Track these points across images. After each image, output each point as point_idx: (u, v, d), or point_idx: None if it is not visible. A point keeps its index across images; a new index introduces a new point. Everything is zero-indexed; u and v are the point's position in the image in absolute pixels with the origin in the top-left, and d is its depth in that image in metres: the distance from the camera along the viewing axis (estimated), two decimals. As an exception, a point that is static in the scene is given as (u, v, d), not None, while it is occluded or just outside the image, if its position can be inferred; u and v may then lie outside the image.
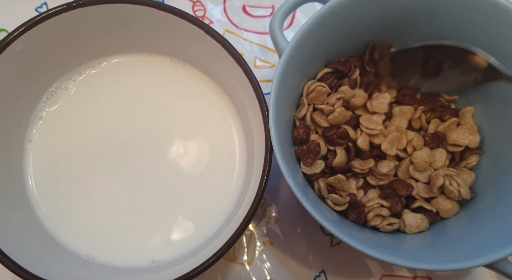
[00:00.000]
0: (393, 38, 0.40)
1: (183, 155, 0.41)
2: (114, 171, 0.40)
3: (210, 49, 0.37)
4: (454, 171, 0.37)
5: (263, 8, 0.50)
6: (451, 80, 0.38)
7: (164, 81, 0.42)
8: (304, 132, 0.37)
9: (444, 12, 0.36)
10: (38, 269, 0.33)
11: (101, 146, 0.40)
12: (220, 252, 0.32)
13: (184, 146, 0.41)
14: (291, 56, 0.34)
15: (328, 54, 0.40)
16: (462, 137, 0.38)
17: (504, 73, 0.34)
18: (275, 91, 0.33)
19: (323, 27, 0.35)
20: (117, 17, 0.37)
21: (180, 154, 0.41)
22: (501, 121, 0.38)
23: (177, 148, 0.41)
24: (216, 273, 0.42)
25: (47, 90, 0.41)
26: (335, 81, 0.39)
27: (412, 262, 0.30)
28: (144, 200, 0.40)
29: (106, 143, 0.41)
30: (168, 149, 0.41)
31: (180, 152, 0.41)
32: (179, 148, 0.41)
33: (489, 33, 0.35)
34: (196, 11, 0.50)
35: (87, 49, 0.40)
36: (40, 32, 0.35)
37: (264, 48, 0.49)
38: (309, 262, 0.43)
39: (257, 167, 0.36)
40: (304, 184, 0.36)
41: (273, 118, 0.32)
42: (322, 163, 0.37)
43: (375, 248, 0.30)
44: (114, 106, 0.41)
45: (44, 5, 0.48)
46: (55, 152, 0.40)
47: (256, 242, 0.43)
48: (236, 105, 0.42)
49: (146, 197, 0.40)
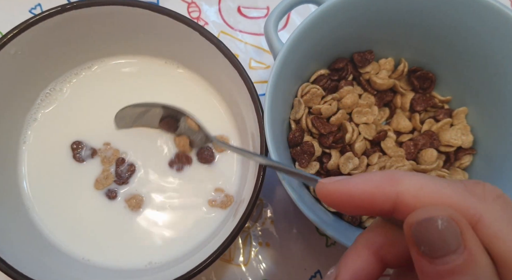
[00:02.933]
0: (387, 40, 0.40)
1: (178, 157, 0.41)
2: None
3: (205, 51, 0.37)
4: (447, 172, 0.38)
5: (258, 9, 0.50)
6: (188, 134, 0.40)
7: (159, 83, 0.42)
8: (300, 136, 0.37)
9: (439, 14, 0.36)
10: (33, 272, 0.32)
11: (96, 147, 0.40)
12: (216, 253, 0.32)
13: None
14: (286, 58, 0.34)
15: (323, 55, 0.40)
16: (454, 138, 0.39)
17: (209, 136, 0.38)
18: (270, 93, 0.33)
19: (318, 28, 0.35)
20: (112, 19, 0.37)
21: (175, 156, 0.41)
22: (494, 121, 0.38)
23: (172, 150, 0.41)
24: (212, 274, 0.42)
25: (42, 91, 0.41)
26: (329, 83, 0.40)
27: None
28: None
29: (101, 144, 0.40)
30: (163, 151, 0.41)
31: (175, 153, 0.41)
32: (174, 149, 0.41)
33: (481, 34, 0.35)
34: (191, 13, 0.50)
35: (81, 51, 0.40)
36: (33, 35, 0.35)
37: (259, 49, 0.49)
38: (305, 262, 0.43)
39: (252, 168, 0.36)
40: (299, 186, 0.36)
41: (268, 119, 0.33)
42: (317, 164, 0.38)
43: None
44: (109, 108, 0.41)
45: (38, 6, 0.48)
46: (50, 153, 0.40)
47: (252, 243, 0.43)
48: (230, 107, 0.42)
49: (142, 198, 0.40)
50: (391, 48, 0.41)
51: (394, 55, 0.42)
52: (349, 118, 0.39)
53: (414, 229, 0.17)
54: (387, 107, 0.42)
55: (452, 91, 0.41)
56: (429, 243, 0.17)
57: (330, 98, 0.38)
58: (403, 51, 0.41)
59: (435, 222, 0.16)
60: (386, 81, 0.40)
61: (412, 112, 0.41)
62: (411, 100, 0.41)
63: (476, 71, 0.38)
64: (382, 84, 0.40)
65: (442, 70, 0.41)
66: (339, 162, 0.37)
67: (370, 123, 0.39)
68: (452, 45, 0.38)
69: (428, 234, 0.17)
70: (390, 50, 0.41)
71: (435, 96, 0.41)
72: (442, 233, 0.16)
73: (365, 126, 0.39)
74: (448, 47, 0.38)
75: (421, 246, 0.17)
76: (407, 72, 0.41)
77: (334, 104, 0.38)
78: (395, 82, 0.40)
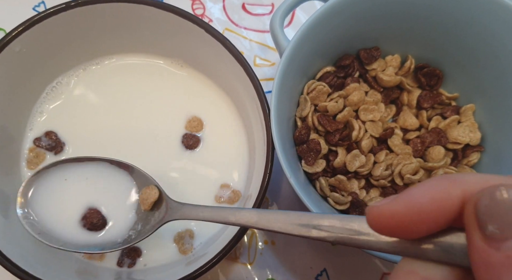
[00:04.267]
0: (393, 36, 0.40)
1: (183, 156, 0.40)
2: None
3: (210, 48, 0.37)
4: (454, 169, 0.37)
5: (263, 6, 0.50)
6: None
7: (165, 81, 0.42)
8: (306, 133, 0.37)
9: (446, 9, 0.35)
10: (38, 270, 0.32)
11: (99, 143, 0.40)
12: (222, 252, 0.32)
13: (185, 146, 0.41)
14: (293, 55, 0.34)
15: (329, 52, 0.39)
16: (462, 135, 0.38)
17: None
18: (277, 90, 0.33)
19: (324, 25, 0.35)
20: (116, 16, 0.37)
21: (181, 155, 0.40)
22: (502, 118, 0.38)
23: (177, 148, 0.41)
24: (218, 273, 0.42)
25: (48, 86, 0.41)
26: (335, 80, 0.39)
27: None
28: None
29: (105, 140, 0.40)
30: (168, 149, 0.41)
31: (181, 152, 0.41)
32: (179, 148, 0.41)
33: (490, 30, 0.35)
34: (196, 9, 0.49)
35: (86, 48, 0.40)
36: (38, 32, 0.35)
37: (264, 46, 0.49)
38: (311, 261, 0.43)
39: (258, 166, 0.36)
40: (305, 183, 0.36)
41: (275, 117, 0.32)
42: (323, 162, 0.37)
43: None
44: (114, 104, 0.41)
45: (42, 4, 0.48)
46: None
47: (257, 242, 0.43)
48: (236, 105, 0.42)
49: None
50: (398, 45, 0.41)
51: (401, 52, 0.41)
52: (356, 116, 0.39)
53: (481, 204, 0.14)
54: (394, 104, 0.42)
55: (460, 88, 0.40)
56: (500, 219, 0.14)
57: (336, 96, 0.38)
58: (410, 48, 0.41)
59: (508, 192, 0.14)
60: (392, 78, 0.39)
61: (419, 109, 0.41)
62: (418, 97, 0.40)
63: (484, 68, 0.37)
64: (388, 81, 0.39)
65: (449, 67, 0.40)
66: (345, 160, 0.37)
67: (377, 120, 0.39)
68: (460, 42, 0.37)
69: (499, 207, 0.14)
70: (396, 46, 0.41)
71: (442, 93, 0.41)
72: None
73: (371, 123, 0.39)
74: (455, 44, 0.38)
75: (488, 225, 0.14)
76: (414, 69, 0.41)
77: (341, 102, 0.38)
78: (401, 79, 0.40)
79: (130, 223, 0.33)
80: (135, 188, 0.34)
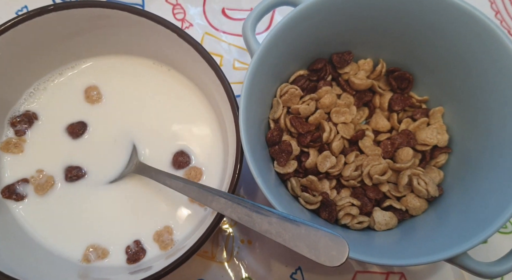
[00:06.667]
0: (365, 41, 0.41)
1: (162, 156, 0.41)
2: (97, 172, 0.41)
3: (185, 52, 0.38)
4: (421, 170, 0.38)
5: (242, 11, 0.51)
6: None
7: (146, 83, 0.43)
8: (278, 135, 0.38)
9: (415, 14, 0.36)
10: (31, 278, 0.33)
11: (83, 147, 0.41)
12: (199, 241, 0.32)
13: (163, 147, 0.42)
14: (262, 58, 0.35)
15: (302, 56, 0.40)
16: (430, 137, 0.39)
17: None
18: (246, 92, 0.34)
19: (295, 29, 0.36)
20: (93, 20, 0.38)
21: (160, 155, 0.41)
22: (469, 121, 0.39)
23: (156, 150, 0.41)
24: (194, 271, 0.43)
25: (26, 91, 0.41)
26: (308, 83, 0.40)
27: (377, 258, 0.31)
28: (127, 200, 0.40)
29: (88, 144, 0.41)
30: (149, 150, 0.41)
31: (160, 153, 0.41)
32: (158, 149, 0.41)
33: (456, 36, 0.36)
34: (176, 14, 0.50)
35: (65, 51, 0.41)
36: (14, 36, 0.35)
37: (243, 50, 0.50)
38: (286, 259, 0.43)
39: (230, 167, 0.37)
40: (276, 184, 0.37)
41: (243, 119, 0.33)
42: (295, 163, 0.38)
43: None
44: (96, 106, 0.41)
45: (25, 8, 0.49)
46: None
47: (234, 241, 0.44)
48: (213, 107, 0.42)
49: (129, 198, 0.40)
50: (370, 49, 0.42)
51: (373, 56, 0.42)
52: (328, 118, 0.40)
53: None
54: (367, 107, 0.43)
55: (429, 91, 0.42)
56: None
57: (308, 98, 0.39)
58: (382, 52, 0.42)
59: None
60: (364, 82, 0.40)
61: (391, 112, 0.42)
62: (389, 100, 0.41)
63: (452, 71, 0.38)
64: (360, 84, 0.40)
65: (420, 71, 0.41)
66: (317, 161, 0.38)
67: (349, 122, 0.40)
68: (429, 46, 0.38)
69: None
70: (369, 51, 0.42)
71: (412, 96, 0.42)
72: None
73: (343, 125, 0.40)
74: (425, 48, 0.39)
75: None
76: (385, 73, 0.42)
77: (312, 104, 0.39)
78: (373, 82, 0.41)
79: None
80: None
